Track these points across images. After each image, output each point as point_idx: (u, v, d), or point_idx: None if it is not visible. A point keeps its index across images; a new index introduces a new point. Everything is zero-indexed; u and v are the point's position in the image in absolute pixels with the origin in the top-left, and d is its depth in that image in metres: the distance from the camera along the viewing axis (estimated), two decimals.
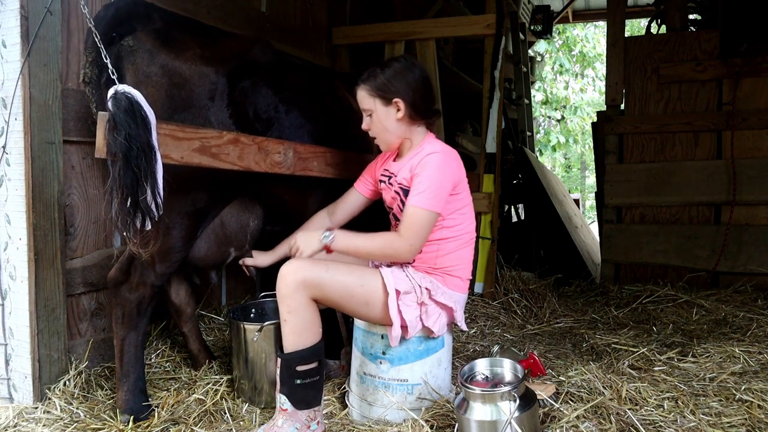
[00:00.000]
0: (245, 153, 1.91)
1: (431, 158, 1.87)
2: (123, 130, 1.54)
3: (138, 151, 1.55)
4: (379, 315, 1.87)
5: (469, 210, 2.00)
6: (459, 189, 1.93)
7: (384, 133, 1.98)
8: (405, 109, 1.93)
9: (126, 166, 1.55)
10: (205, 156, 1.78)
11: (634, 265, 4.07)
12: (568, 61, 12.15)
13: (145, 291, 1.97)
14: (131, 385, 1.96)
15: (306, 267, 1.80)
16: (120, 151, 1.54)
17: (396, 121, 1.95)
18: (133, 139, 1.54)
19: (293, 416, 1.79)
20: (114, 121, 1.54)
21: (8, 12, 1.93)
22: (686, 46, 4.01)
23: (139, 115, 1.57)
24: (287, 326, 1.79)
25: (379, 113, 1.95)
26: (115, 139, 1.54)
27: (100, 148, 1.57)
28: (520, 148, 5.28)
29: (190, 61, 1.90)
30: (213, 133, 1.81)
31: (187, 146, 1.73)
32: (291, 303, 1.78)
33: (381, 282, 1.86)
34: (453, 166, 1.90)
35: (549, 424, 1.77)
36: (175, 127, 1.71)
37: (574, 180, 14.74)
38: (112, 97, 1.56)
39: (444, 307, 1.92)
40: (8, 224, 2.01)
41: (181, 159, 1.72)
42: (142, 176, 1.57)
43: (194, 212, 2.00)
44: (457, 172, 1.92)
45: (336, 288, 1.82)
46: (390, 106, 1.93)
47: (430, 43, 3.64)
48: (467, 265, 2.01)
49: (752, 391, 1.98)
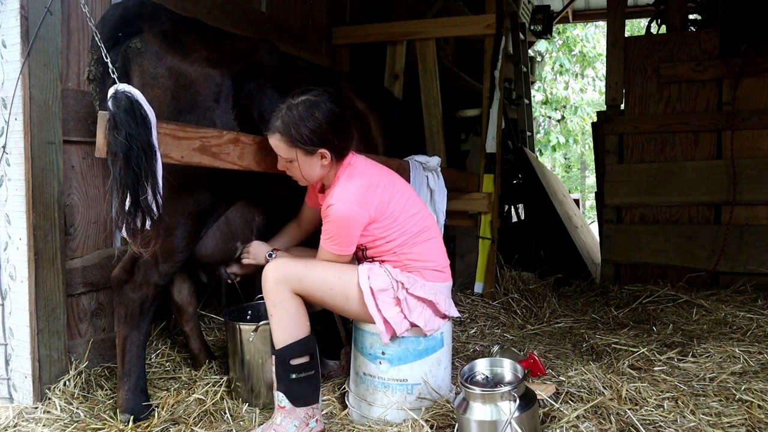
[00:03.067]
0: (245, 152, 1.90)
1: (331, 211, 1.84)
2: (123, 130, 1.53)
3: (138, 151, 1.55)
4: (360, 311, 1.89)
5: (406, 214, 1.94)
6: (379, 215, 1.88)
7: (304, 179, 1.94)
8: (330, 156, 1.86)
9: (126, 165, 1.55)
10: (205, 156, 1.78)
11: (634, 265, 4.07)
12: (568, 61, 12.15)
13: (148, 291, 1.97)
14: (132, 384, 1.96)
15: (286, 264, 1.88)
16: (120, 151, 1.54)
17: (321, 168, 1.89)
18: (133, 139, 1.54)
19: (291, 413, 1.80)
20: (114, 120, 1.54)
21: (8, 12, 1.93)
22: (686, 46, 4.02)
23: (140, 114, 1.57)
24: (274, 320, 1.85)
25: (301, 162, 1.86)
26: (115, 138, 1.54)
27: (101, 147, 1.57)
28: (520, 148, 5.28)
29: (196, 63, 1.90)
30: (213, 133, 1.80)
31: (187, 145, 1.73)
32: (274, 297, 1.83)
33: (357, 279, 1.88)
34: (355, 212, 1.83)
35: (549, 424, 1.77)
36: (176, 127, 1.71)
37: (574, 180, 14.74)
38: (112, 96, 1.56)
39: (424, 300, 1.92)
40: (8, 224, 2.02)
41: (182, 158, 1.72)
42: (143, 176, 1.57)
43: (198, 213, 2.00)
44: (365, 213, 1.85)
45: (315, 282, 1.86)
46: (313, 156, 1.85)
47: (430, 43, 3.64)
48: (436, 256, 1.99)
49: (752, 391, 1.98)
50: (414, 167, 2.68)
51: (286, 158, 1.88)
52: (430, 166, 2.78)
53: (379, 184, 1.92)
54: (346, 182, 1.90)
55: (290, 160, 1.87)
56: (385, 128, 2.70)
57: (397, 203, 1.93)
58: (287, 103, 1.85)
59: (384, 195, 1.91)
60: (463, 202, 3.47)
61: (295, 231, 2.23)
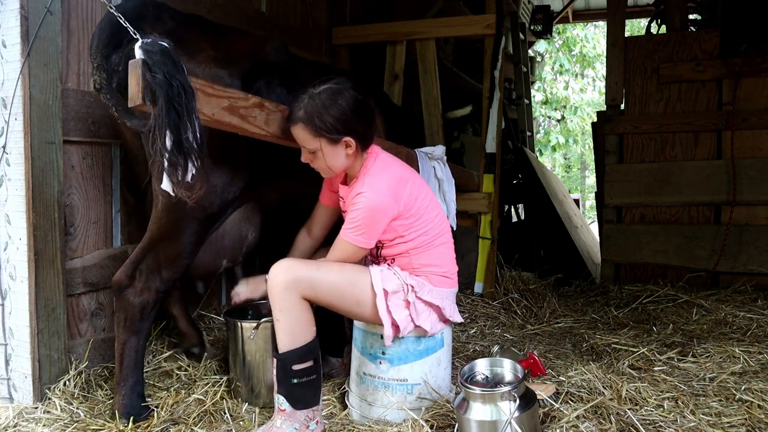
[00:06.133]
0: (271, 119, 1.86)
1: (361, 199, 1.81)
2: (161, 69, 1.50)
3: (178, 89, 1.52)
4: (371, 315, 1.88)
5: (429, 214, 1.94)
6: (407, 210, 1.87)
7: (329, 170, 1.91)
8: (355, 144, 1.84)
9: (168, 103, 1.50)
10: (234, 116, 1.73)
11: (634, 265, 4.07)
12: (568, 61, 12.15)
13: (149, 296, 1.96)
14: (129, 389, 1.95)
15: (297, 266, 1.80)
16: (160, 88, 1.50)
17: (346, 158, 1.86)
18: (172, 77, 1.51)
19: (292, 416, 1.79)
20: (151, 60, 1.50)
21: (8, 12, 1.93)
22: (686, 46, 4.02)
23: (175, 57, 1.54)
24: (280, 325, 1.79)
25: (325, 152, 1.83)
26: (154, 78, 1.49)
27: (135, 95, 1.52)
28: (520, 148, 5.28)
29: (203, 63, 1.88)
30: (240, 94, 1.77)
31: (216, 103, 1.69)
32: (282, 303, 1.77)
33: (370, 281, 1.86)
34: (387, 203, 1.82)
35: (549, 424, 1.77)
36: (205, 83, 1.68)
37: (574, 180, 14.74)
38: (142, 46, 1.52)
39: (430, 305, 1.92)
40: (8, 224, 2.01)
41: (213, 116, 1.68)
42: (184, 113, 1.53)
43: (205, 218, 1.98)
44: (395, 206, 1.84)
45: (327, 287, 1.81)
46: (338, 145, 1.83)
47: (430, 43, 3.64)
48: (447, 261, 1.99)
49: (752, 391, 1.98)
50: (421, 158, 2.67)
51: (310, 149, 1.84)
52: (436, 155, 2.77)
53: (408, 179, 1.92)
54: (378, 172, 1.88)
55: (314, 151, 1.84)
56: (387, 128, 2.70)
57: (422, 202, 1.93)
58: (309, 93, 1.82)
59: (413, 191, 1.90)
60: (463, 202, 3.47)
61: (305, 243, 2.17)
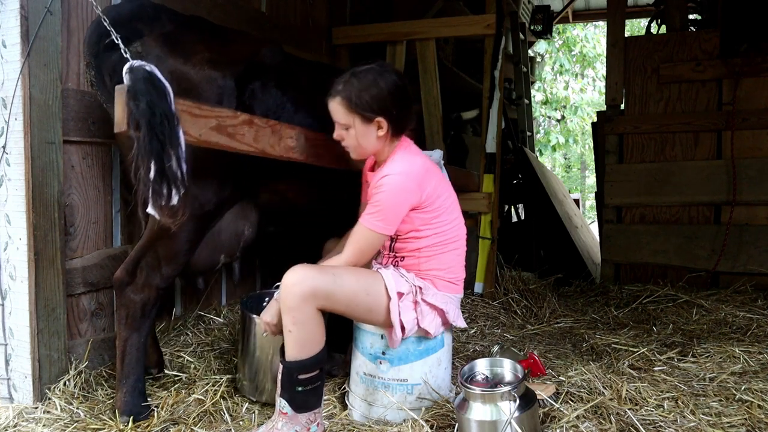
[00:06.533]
0: (260, 135, 1.88)
1: (386, 180, 1.82)
2: (144, 98, 1.52)
3: (161, 118, 1.53)
4: (381, 320, 1.88)
5: (448, 216, 1.95)
6: (428, 203, 1.88)
7: (359, 148, 1.92)
8: (387, 127, 1.87)
9: (150, 133, 1.52)
10: (222, 135, 1.75)
11: (634, 265, 4.07)
12: (568, 61, 12.15)
13: (150, 293, 1.96)
14: (131, 386, 1.95)
15: (313, 276, 1.75)
16: (143, 118, 1.51)
17: (376, 139, 1.89)
18: (155, 106, 1.52)
19: (293, 419, 1.79)
20: (134, 89, 1.52)
21: (8, 12, 1.93)
22: (686, 46, 4.01)
23: (158, 84, 1.56)
24: (291, 336, 1.75)
25: (357, 130, 1.87)
26: (137, 106, 1.51)
27: (120, 120, 1.53)
28: (520, 148, 5.28)
29: (198, 65, 1.89)
30: (228, 113, 1.79)
31: (204, 124, 1.71)
32: (297, 315, 1.73)
33: (384, 287, 1.85)
34: (410, 188, 1.83)
35: (549, 424, 1.77)
36: (192, 104, 1.69)
37: (574, 180, 14.75)
38: (129, 70, 1.54)
39: (435, 308, 1.92)
40: (8, 224, 2.01)
41: (200, 137, 1.69)
42: (167, 143, 1.54)
43: (202, 215, 1.99)
44: (418, 192, 1.85)
45: (343, 297, 1.80)
46: (371, 124, 1.86)
47: (430, 43, 3.64)
48: (455, 267, 1.99)
49: (752, 391, 1.98)
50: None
51: (343, 123, 1.88)
52: (434, 160, 2.77)
53: (434, 174, 1.93)
54: (405, 157, 1.90)
55: (347, 127, 1.88)
56: None
57: (444, 201, 1.94)
58: (351, 71, 1.87)
59: (437, 187, 1.92)
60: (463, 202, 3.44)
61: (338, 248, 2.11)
